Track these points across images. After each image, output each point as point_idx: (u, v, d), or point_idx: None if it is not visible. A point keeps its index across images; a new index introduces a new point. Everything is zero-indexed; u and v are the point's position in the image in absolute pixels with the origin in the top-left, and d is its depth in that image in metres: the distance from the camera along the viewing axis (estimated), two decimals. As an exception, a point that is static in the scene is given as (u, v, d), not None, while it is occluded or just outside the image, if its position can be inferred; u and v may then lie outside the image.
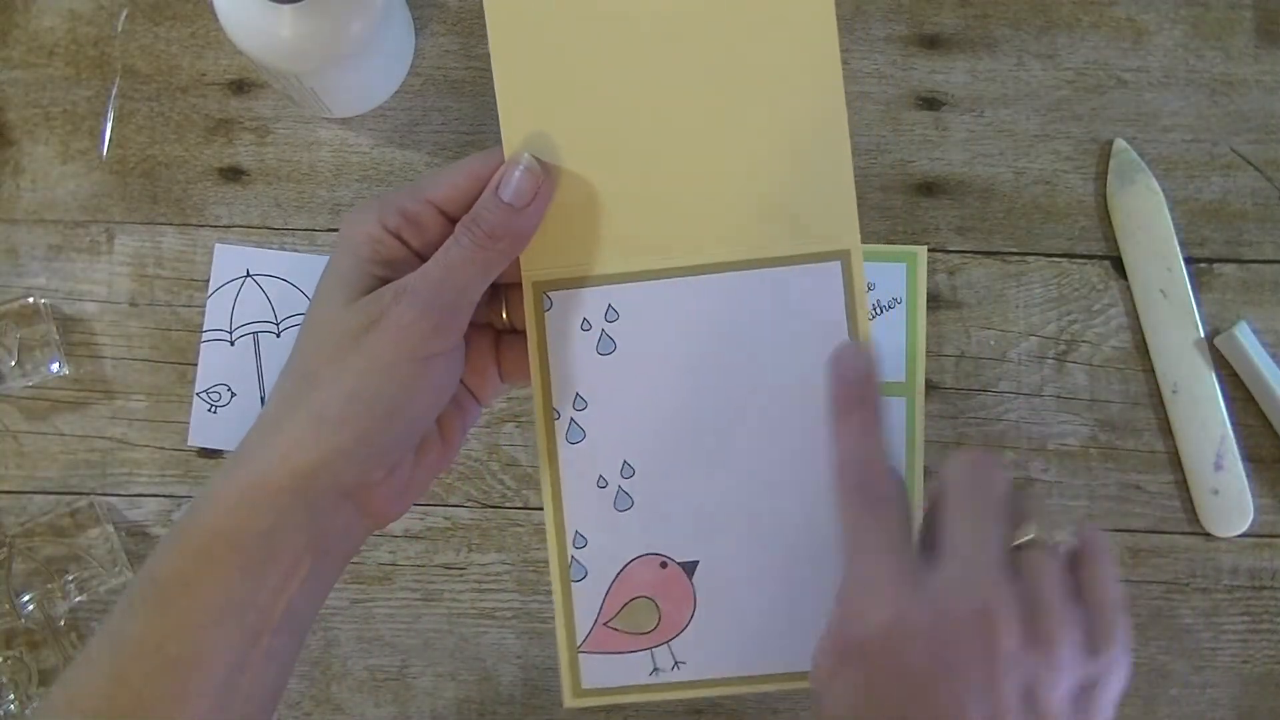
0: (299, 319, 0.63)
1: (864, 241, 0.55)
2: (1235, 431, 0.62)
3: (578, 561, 0.50)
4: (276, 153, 0.64)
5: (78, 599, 0.61)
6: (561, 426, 0.50)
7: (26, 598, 0.61)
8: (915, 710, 0.37)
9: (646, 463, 0.50)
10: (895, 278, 0.63)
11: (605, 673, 0.49)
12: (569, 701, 0.49)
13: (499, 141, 0.45)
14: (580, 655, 0.49)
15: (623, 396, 0.50)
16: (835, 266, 0.47)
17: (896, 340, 0.62)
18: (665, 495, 0.50)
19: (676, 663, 0.48)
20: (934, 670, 0.37)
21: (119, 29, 0.64)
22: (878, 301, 0.63)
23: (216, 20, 0.55)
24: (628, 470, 0.51)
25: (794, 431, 0.47)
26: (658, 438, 0.50)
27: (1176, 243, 0.63)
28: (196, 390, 0.63)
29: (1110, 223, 0.64)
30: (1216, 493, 0.62)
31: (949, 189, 0.64)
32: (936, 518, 0.41)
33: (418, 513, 0.63)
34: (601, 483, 0.50)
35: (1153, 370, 0.63)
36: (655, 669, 0.48)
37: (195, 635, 0.39)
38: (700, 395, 0.48)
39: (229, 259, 0.64)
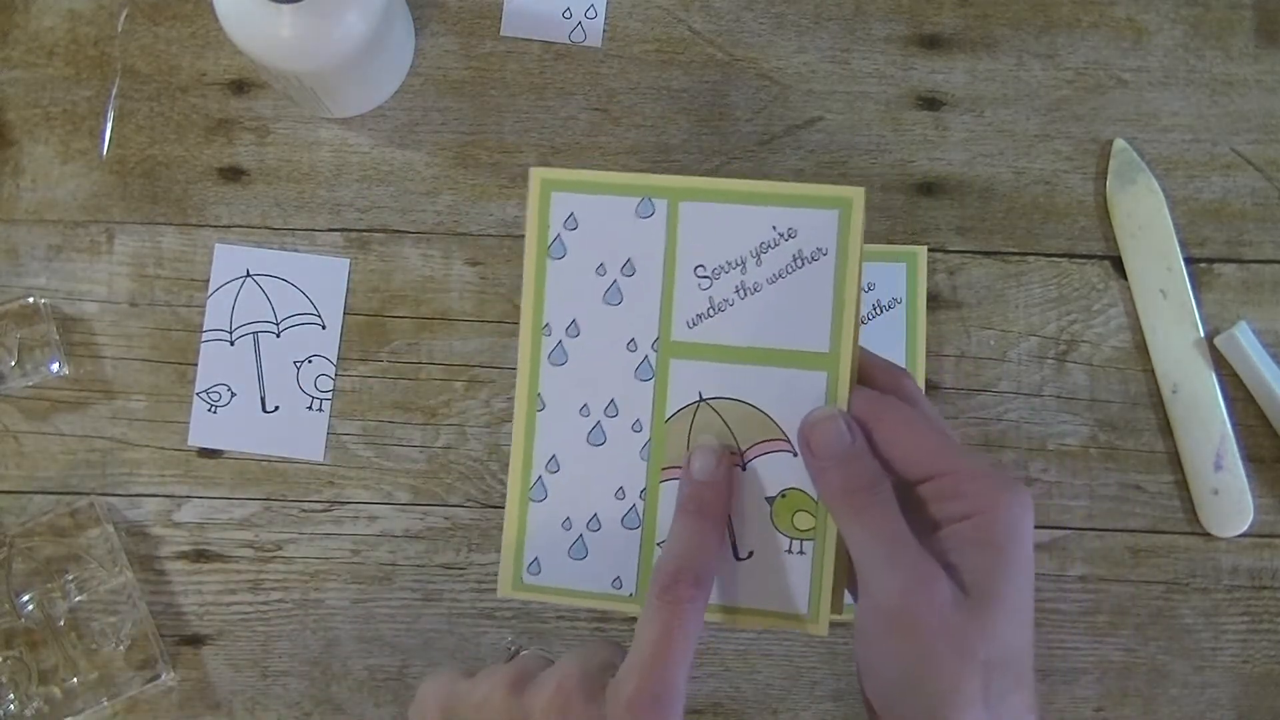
0: (299, 319, 0.63)
1: (866, 241, 0.55)
2: (1235, 431, 0.62)
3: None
4: (276, 153, 0.64)
5: (78, 599, 0.62)
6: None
7: (26, 598, 0.61)
8: None
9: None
10: (895, 278, 0.63)
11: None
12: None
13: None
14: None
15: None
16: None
17: (896, 341, 0.63)
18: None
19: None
20: None
21: (119, 29, 0.64)
22: (877, 301, 0.63)
23: (216, 20, 0.55)
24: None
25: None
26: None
27: (1176, 243, 0.63)
28: (196, 390, 0.63)
29: (1110, 223, 0.64)
30: (1216, 493, 0.62)
31: (949, 189, 0.64)
32: (999, 564, 0.40)
33: (418, 513, 0.63)
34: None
35: (1153, 370, 0.63)
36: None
37: None
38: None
39: (229, 259, 0.64)
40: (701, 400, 0.49)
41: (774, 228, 0.48)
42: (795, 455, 0.48)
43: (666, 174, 0.51)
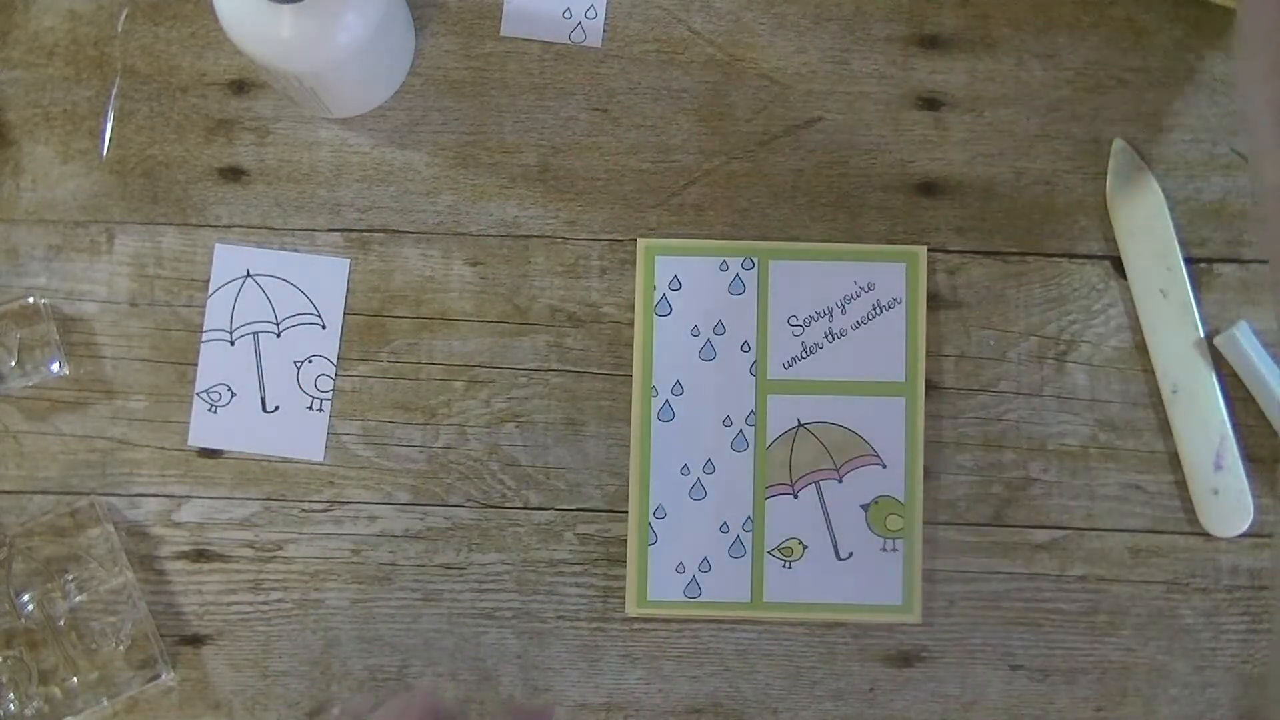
0: (299, 319, 0.63)
1: (864, 241, 0.64)
2: (1235, 431, 0.62)
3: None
4: (276, 153, 0.64)
5: (78, 599, 0.62)
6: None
7: (26, 598, 0.61)
8: None
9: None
10: (895, 278, 0.63)
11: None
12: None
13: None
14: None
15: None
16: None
17: (896, 340, 0.63)
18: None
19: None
20: None
21: (119, 29, 0.64)
22: (877, 302, 0.63)
23: (216, 20, 0.55)
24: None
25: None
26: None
27: (1176, 243, 0.63)
28: (196, 390, 0.63)
29: (1110, 223, 0.64)
30: (1216, 493, 0.62)
31: (949, 189, 0.64)
32: None
33: (417, 513, 0.63)
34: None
35: (1153, 370, 0.63)
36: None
37: None
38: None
39: (229, 259, 0.64)
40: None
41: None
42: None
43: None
